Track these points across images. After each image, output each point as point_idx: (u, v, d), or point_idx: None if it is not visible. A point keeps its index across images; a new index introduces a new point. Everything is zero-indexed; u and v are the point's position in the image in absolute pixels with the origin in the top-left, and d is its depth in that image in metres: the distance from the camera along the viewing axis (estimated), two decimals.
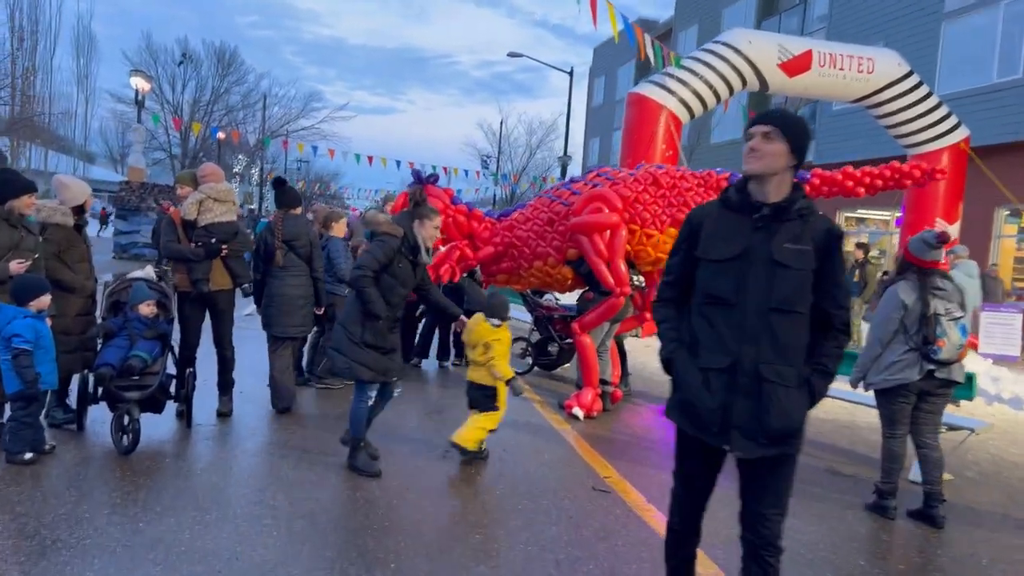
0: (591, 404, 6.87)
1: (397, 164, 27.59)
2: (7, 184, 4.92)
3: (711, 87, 12.62)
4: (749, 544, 2.66)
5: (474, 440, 5.29)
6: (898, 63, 13.27)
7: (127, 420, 4.97)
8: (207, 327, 6.06)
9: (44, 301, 4.81)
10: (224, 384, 6.13)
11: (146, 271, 5.87)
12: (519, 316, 12.53)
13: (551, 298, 9.53)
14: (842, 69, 12.88)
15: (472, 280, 8.74)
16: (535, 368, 8.92)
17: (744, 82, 12.76)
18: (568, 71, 31.57)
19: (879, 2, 19.39)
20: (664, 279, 2.85)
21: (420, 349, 8.93)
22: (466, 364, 9.21)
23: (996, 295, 13.34)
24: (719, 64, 12.60)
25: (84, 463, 4.75)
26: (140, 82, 24.37)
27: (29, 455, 4.64)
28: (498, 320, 5.41)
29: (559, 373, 9.12)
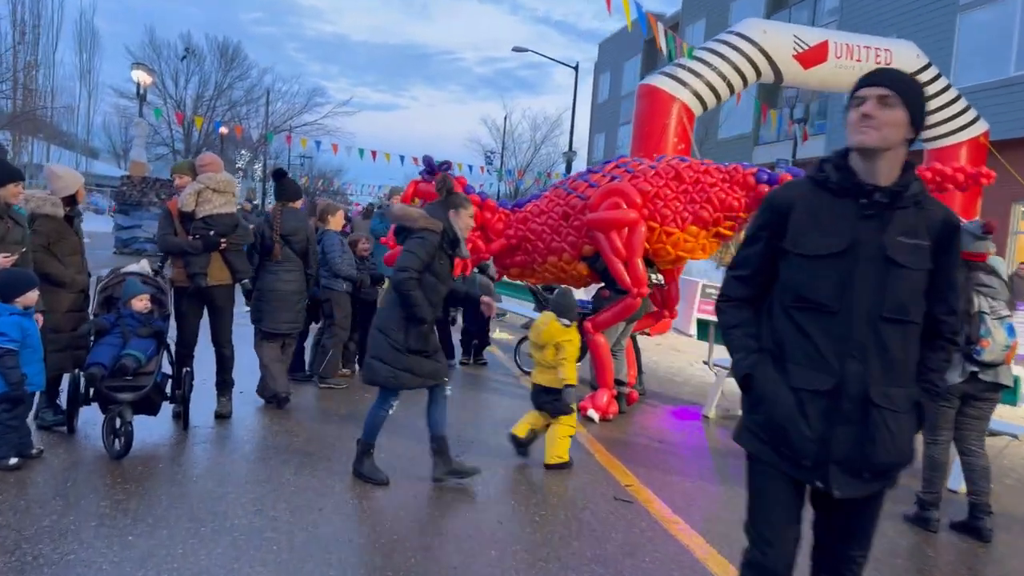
0: (607, 406, 6.57)
1: (401, 159, 27.25)
2: None
3: (725, 79, 12.30)
4: None
5: (565, 450, 5.14)
6: (916, 55, 12.97)
7: (119, 423, 4.69)
8: (205, 324, 5.78)
9: (31, 297, 4.54)
10: (223, 384, 5.84)
11: (140, 265, 5.59)
12: (523, 312, 12.23)
13: None
14: (859, 60, 12.57)
15: (483, 274, 8.45)
16: None
17: (759, 73, 12.45)
18: (573, 66, 31.27)
19: None
20: (734, 273, 2.38)
21: None
22: (475, 363, 9.02)
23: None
24: (733, 55, 12.28)
25: (73, 468, 4.47)
26: (142, 75, 24.08)
27: (14, 460, 4.36)
28: (568, 320, 5.27)
29: None
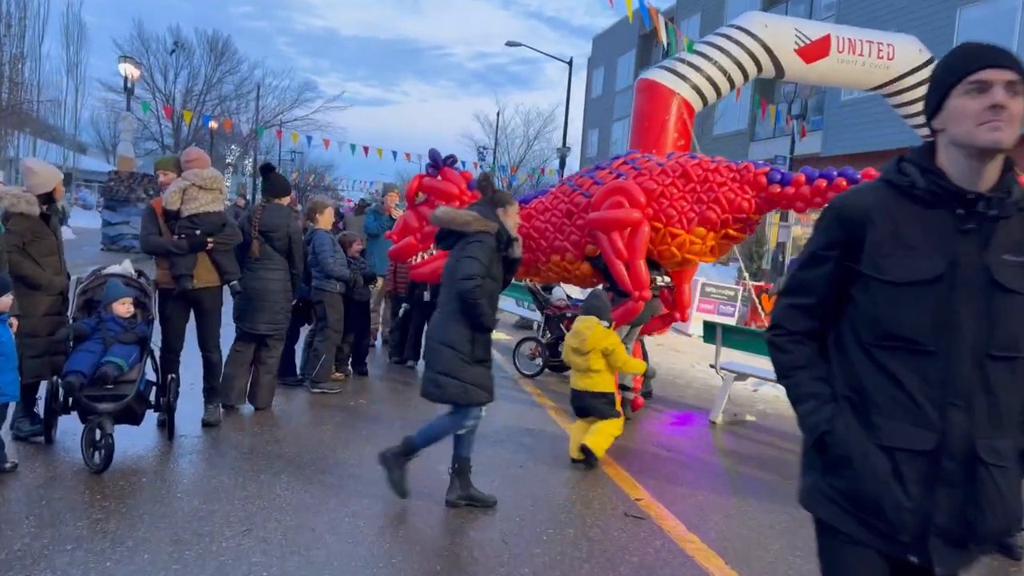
0: None
1: (394, 155, 26.96)
2: None
3: (725, 73, 12.03)
4: None
5: (604, 448, 5.16)
6: (919, 49, 12.74)
7: (99, 435, 4.42)
8: (191, 328, 5.50)
9: (4, 302, 4.26)
10: (210, 391, 5.57)
11: (123, 266, 5.31)
12: (517, 311, 11.93)
13: (562, 295, 8.99)
14: (861, 55, 12.33)
15: None
16: (547, 370, 8.36)
17: (760, 68, 12.19)
18: (567, 61, 30.98)
19: None
20: (793, 300, 1.90)
21: (413, 351, 8.32)
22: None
23: None
24: (734, 49, 12.00)
25: (49, 484, 4.19)
26: (129, 68, 23.62)
27: None
28: (608, 321, 5.37)
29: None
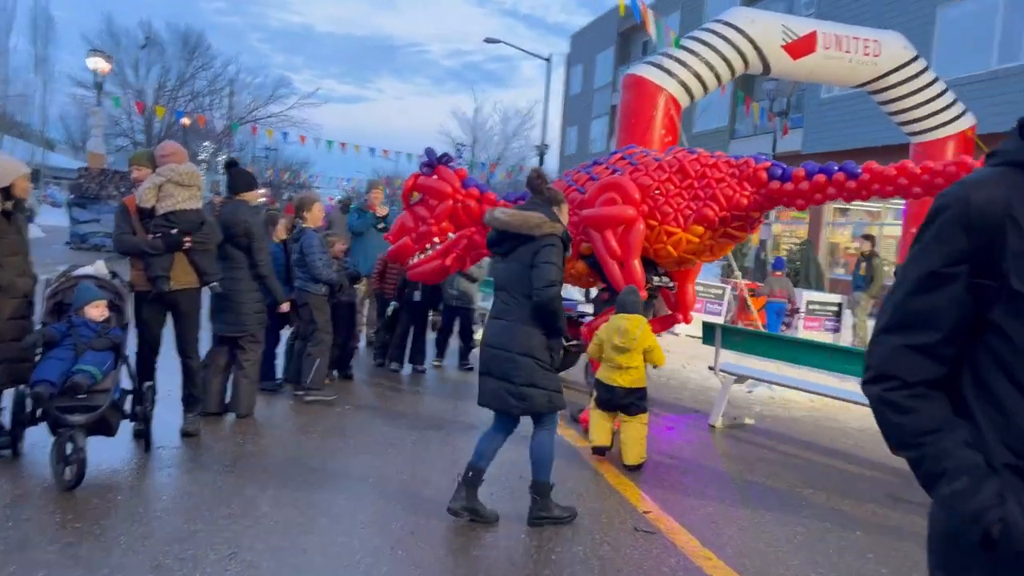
0: None
1: (371, 151, 26.56)
2: None
3: (712, 68, 11.90)
4: None
5: (644, 453, 5.22)
6: (904, 46, 12.69)
7: (70, 448, 4.11)
8: (168, 332, 5.20)
9: None
10: (189, 399, 5.27)
11: (96, 266, 4.99)
12: None
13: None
14: (848, 52, 12.26)
15: (464, 276, 7.98)
16: None
17: (747, 64, 12.07)
18: (546, 58, 30.78)
19: None
20: (904, 340, 1.46)
21: (398, 353, 8.05)
22: (461, 368, 8.49)
23: None
24: (721, 44, 11.89)
25: (15, 503, 3.88)
26: (99, 62, 23.07)
27: None
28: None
29: (567, 379, 8.32)
